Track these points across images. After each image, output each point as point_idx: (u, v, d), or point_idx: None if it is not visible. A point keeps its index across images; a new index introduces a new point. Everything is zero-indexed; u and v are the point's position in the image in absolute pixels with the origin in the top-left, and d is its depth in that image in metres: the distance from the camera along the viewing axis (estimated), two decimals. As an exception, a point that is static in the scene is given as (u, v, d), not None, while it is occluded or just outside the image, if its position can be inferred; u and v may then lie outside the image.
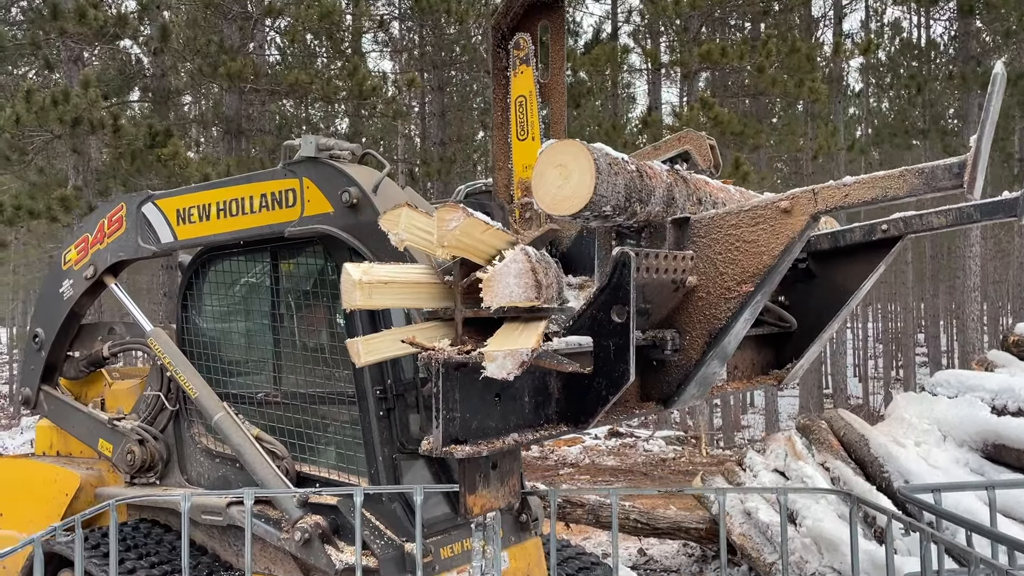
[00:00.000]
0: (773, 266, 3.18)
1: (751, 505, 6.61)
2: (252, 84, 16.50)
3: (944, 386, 7.04)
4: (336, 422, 4.59)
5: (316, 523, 4.30)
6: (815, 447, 6.89)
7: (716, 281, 3.28)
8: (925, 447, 6.15)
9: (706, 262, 3.29)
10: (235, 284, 5.10)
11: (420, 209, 2.52)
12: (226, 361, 5.03)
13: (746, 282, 3.23)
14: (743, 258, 3.22)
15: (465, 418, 2.46)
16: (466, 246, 2.38)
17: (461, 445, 2.41)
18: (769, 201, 3.20)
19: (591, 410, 2.87)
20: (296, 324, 4.83)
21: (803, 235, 3.15)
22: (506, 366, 2.20)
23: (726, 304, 3.26)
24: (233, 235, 4.74)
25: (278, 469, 4.56)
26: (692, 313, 3.32)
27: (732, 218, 3.26)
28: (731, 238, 3.25)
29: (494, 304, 2.28)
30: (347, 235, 4.24)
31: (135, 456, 5.17)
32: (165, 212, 5.04)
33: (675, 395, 3.29)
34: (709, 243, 3.33)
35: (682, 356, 3.33)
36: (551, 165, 2.89)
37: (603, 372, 2.74)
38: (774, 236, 3.15)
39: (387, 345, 2.56)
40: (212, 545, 4.98)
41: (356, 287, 2.39)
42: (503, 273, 2.27)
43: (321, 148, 4.34)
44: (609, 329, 2.78)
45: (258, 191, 4.60)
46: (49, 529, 3.68)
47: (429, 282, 2.56)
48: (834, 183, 3.11)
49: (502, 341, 2.31)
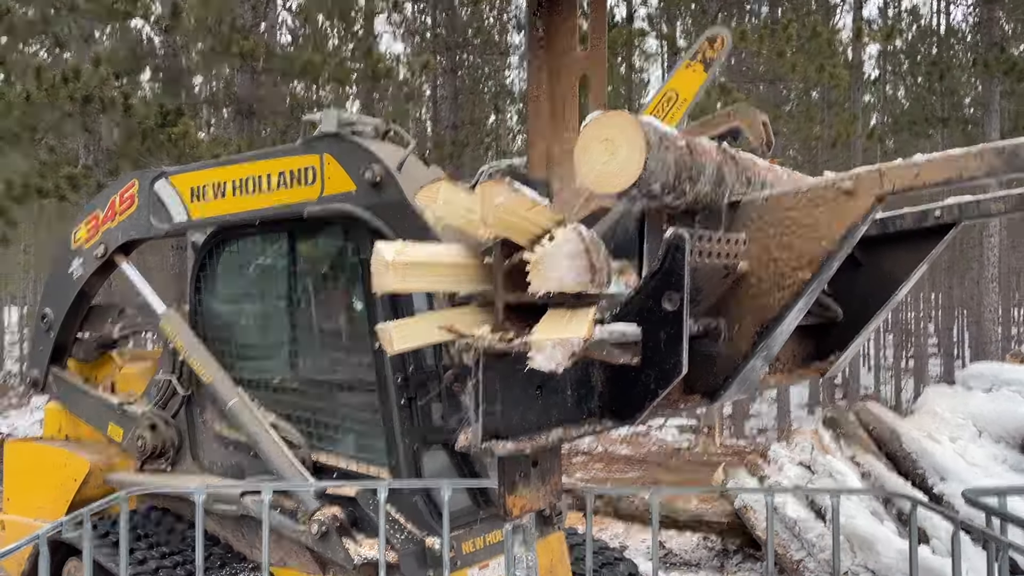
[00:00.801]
0: (833, 252, 2.96)
1: (778, 500, 6.41)
2: (264, 64, 16.26)
3: (978, 379, 6.83)
4: (355, 410, 4.41)
5: (334, 515, 4.13)
6: (843, 441, 6.68)
7: (769, 267, 3.06)
8: (961, 443, 5.95)
9: (759, 246, 3.08)
10: (251, 265, 4.91)
11: (459, 184, 2.33)
12: (241, 345, 4.85)
13: (802, 269, 3.01)
14: (800, 243, 3.00)
15: (506, 412, 2.26)
16: (511, 225, 2.17)
17: (502, 441, 2.22)
18: (829, 181, 2.98)
19: (638, 404, 2.67)
20: (314, 308, 4.64)
21: (867, 219, 2.93)
22: (555, 356, 2.01)
23: (779, 292, 3.05)
24: (249, 214, 4.54)
25: (294, 458, 4.38)
26: (742, 301, 3.11)
27: (788, 199, 3.04)
28: (787, 221, 3.03)
29: (543, 289, 2.08)
30: (369, 215, 4.04)
31: (146, 442, 5.00)
32: (179, 189, 4.85)
33: (721, 388, 3.08)
34: (762, 226, 3.12)
35: (730, 347, 3.13)
36: (596, 139, 2.67)
37: (652, 364, 2.53)
38: (834, 219, 2.93)
39: (423, 331, 2.36)
40: (224, 535, 4.82)
41: (389, 269, 2.19)
42: (554, 255, 2.07)
43: (343, 123, 4.13)
44: (660, 317, 2.58)
45: (276, 168, 4.40)
46: (55, 524, 3.50)
47: (468, 264, 2.37)
48: (903, 162, 2.88)
49: (550, 329, 2.11)
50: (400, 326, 2.40)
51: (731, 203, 3.05)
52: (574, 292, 2.14)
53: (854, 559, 5.40)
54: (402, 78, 20.67)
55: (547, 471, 2.64)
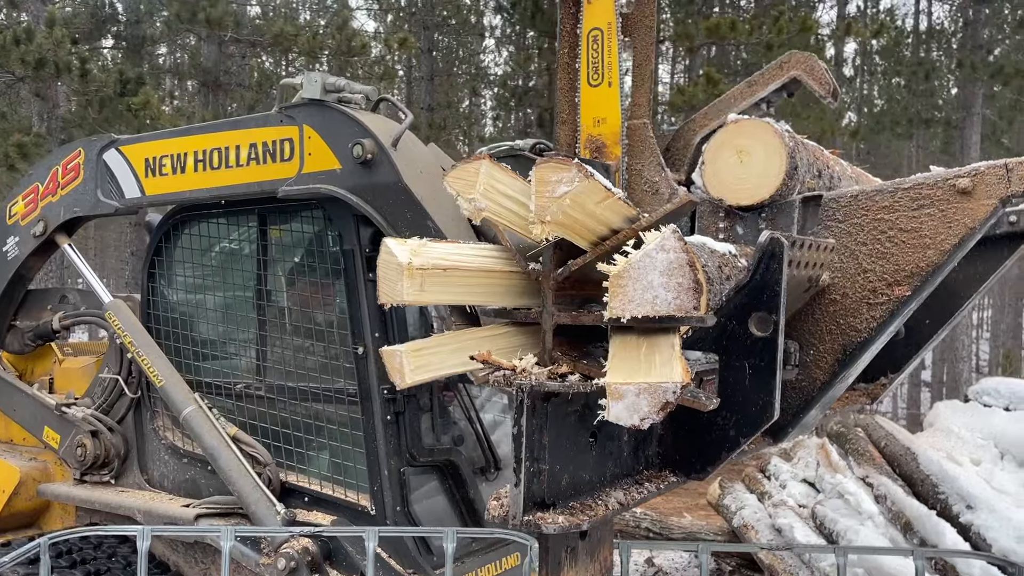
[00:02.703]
0: (940, 265, 2.43)
1: (784, 522, 5.93)
2: (233, 34, 15.44)
3: (993, 395, 6.40)
4: (332, 425, 3.80)
5: (305, 548, 3.53)
6: (852, 458, 6.21)
7: (857, 280, 2.52)
8: (986, 466, 5.50)
9: (845, 255, 2.53)
10: (214, 252, 4.27)
11: (503, 166, 1.75)
12: (200, 344, 4.21)
13: (901, 284, 2.47)
14: (898, 252, 2.46)
15: (554, 471, 1.68)
16: (575, 223, 1.59)
17: (551, 512, 1.64)
18: (939, 178, 2.44)
19: (713, 455, 2.11)
20: (287, 303, 4.02)
21: (985, 225, 2.41)
22: (641, 408, 1.42)
23: (869, 312, 2.50)
24: (213, 192, 3.91)
25: (259, 478, 3.77)
26: (820, 321, 2.56)
27: (885, 198, 2.49)
28: (882, 225, 2.48)
29: (628, 313, 1.48)
30: (357, 198, 3.43)
31: (87, 450, 4.35)
32: (131, 161, 4.20)
33: (791, 425, 2.55)
34: (850, 230, 2.56)
35: (804, 376, 2.59)
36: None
37: (734, 405, 1.98)
38: (945, 224, 2.39)
39: (442, 359, 1.77)
40: (175, 560, 4.20)
41: (404, 274, 1.61)
42: (645, 268, 1.48)
43: (328, 89, 3.51)
44: (746, 345, 2.03)
45: (246, 140, 3.77)
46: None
47: (505, 270, 1.79)
48: (1036, 157, 2.37)
49: (628, 369, 1.53)
50: (415, 352, 1.81)
51: (806, 198, 2.51)
52: (666, 316, 1.58)
53: (873, 592, 4.93)
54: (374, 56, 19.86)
55: (597, 543, 2.08)
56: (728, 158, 2.32)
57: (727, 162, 2.32)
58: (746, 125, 2.32)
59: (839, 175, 3.00)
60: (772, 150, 2.25)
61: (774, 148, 2.25)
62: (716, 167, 2.35)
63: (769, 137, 2.27)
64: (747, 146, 2.29)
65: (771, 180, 2.26)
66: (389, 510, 3.64)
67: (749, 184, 2.29)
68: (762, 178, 2.27)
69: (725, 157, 2.33)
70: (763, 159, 2.25)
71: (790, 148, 2.22)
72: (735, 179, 2.31)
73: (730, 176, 2.32)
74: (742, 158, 2.29)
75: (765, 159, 2.25)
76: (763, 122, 2.31)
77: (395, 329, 3.69)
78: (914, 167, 28.99)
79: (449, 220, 3.37)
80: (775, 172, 2.25)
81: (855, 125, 21.09)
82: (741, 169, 2.30)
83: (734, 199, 2.34)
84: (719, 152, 2.35)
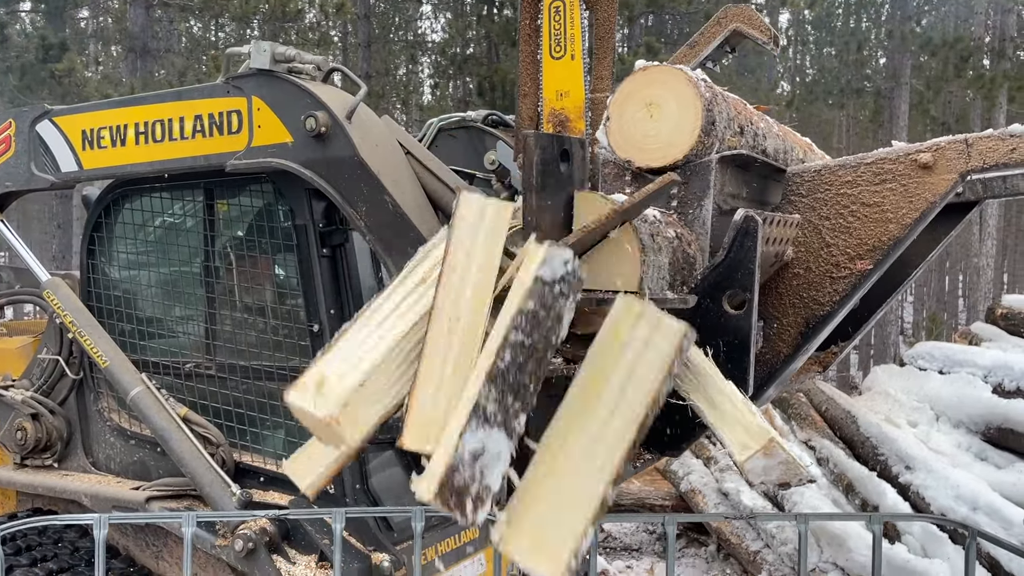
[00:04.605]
0: (900, 238, 2.48)
1: (730, 486, 6.08)
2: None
3: (927, 359, 6.63)
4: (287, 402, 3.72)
5: (263, 528, 3.48)
6: (795, 423, 6.38)
7: (820, 255, 2.55)
8: (922, 428, 5.71)
9: (809, 229, 2.57)
10: (158, 227, 4.12)
11: None
12: (146, 322, 4.08)
13: (863, 257, 2.51)
14: (860, 226, 2.50)
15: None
16: None
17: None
18: (900, 153, 2.48)
19: (687, 432, 2.15)
20: (236, 279, 3.91)
21: (945, 199, 2.47)
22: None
23: (832, 285, 2.55)
24: (156, 166, 3.77)
25: (212, 459, 3.69)
26: (784, 295, 2.60)
27: (848, 173, 2.53)
28: (845, 199, 2.52)
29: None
30: (311, 173, 3.34)
31: (27, 434, 4.20)
32: (67, 133, 4.01)
33: (756, 397, 2.59)
34: (813, 204, 2.59)
35: (768, 349, 2.63)
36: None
37: (708, 381, 2.02)
38: (906, 199, 2.43)
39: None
40: (125, 544, 4.11)
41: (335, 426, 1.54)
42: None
43: (278, 59, 3.39)
44: (720, 322, 2.05)
45: (191, 111, 3.63)
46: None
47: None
48: (995, 132, 2.40)
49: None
50: None
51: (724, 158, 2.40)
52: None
53: (821, 555, 5.10)
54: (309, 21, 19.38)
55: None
56: (635, 112, 1.98)
57: (634, 117, 1.98)
58: (655, 72, 1.98)
59: (764, 132, 2.82)
60: (686, 102, 1.92)
61: (688, 100, 1.92)
62: (622, 123, 2.00)
63: (682, 86, 1.93)
64: (657, 97, 1.94)
65: (684, 137, 1.94)
66: (348, 488, 3.61)
67: (659, 142, 1.97)
68: (674, 135, 1.94)
69: (632, 111, 1.98)
70: (675, 113, 1.93)
71: (706, 100, 1.92)
72: (643, 136, 1.98)
73: (638, 133, 1.99)
74: (651, 111, 1.97)
75: (678, 112, 1.93)
76: (675, 68, 1.99)
77: (351, 305, 3.63)
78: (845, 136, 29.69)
79: (406, 194, 3.31)
80: (689, 128, 1.94)
81: (789, 95, 21.45)
82: (650, 124, 1.97)
83: (643, 160, 2.01)
84: (625, 105, 1.99)
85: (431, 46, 25.35)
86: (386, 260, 3.22)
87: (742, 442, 1.60)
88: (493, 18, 19.15)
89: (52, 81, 13.18)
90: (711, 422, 1.67)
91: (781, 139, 2.91)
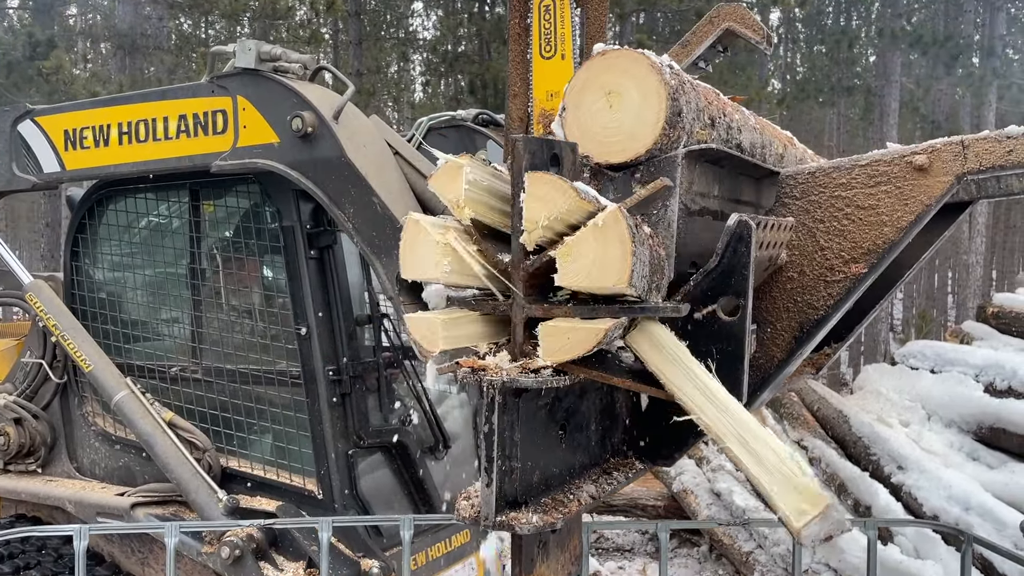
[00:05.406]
0: (896, 242, 2.45)
1: (723, 486, 6.05)
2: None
3: (919, 358, 6.61)
4: (275, 408, 3.68)
5: (249, 535, 3.42)
6: (787, 422, 6.36)
7: (814, 258, 2.51)
8: (914, 428, 5.69)
9: (803, 232, 2.53)
10: (142, 228, 4.06)
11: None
12: (131, 325, 4.02)
13: (857, 260, 2.47)
14: (855, 229, 2.46)
15: (526, 467, 1.63)
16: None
17: (524, 511, 1.59)
18: (895, 155, 2.44)
19: (679, 442, 2.10)
20: (223, 282, 3.86)
21: (941, 202, 2.43)
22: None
23: (827, 289, 2.51)
24: (140, 167, 3.71)
25: (198, 464, 3.64)
26: (778, 299, 2.56)
27: (842, 175, 2.49)
28: (839, 202, 2.48)
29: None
30: (297, 174, 3.28)
31: (10, 439, 4.14)
32: (49, 133, 3.95)
33: (749, 403, 2.55)
34: (807, 207, 2.55)
35: (762, 354, 2.59)
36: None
37: (701, 388, 1.98)
38: (901, 202, 2.40)
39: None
40: (111, 550, 4.04)
41: None
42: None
43: (263, 58, 3.34)
44: (712, 330, 2.01)
45: (176, 111, 3.57)
46: None
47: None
48: (992, 134, 2.37)
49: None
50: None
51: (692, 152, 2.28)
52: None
53: (813, 556, 5.08)
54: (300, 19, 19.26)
55: (567, 534, 2.04)
56: (594, 102, 1.77)
57: (593, 107, 1.78)
58: (615, 58, 1.76)
59: (739, 125, 2.64)
60: (648, 90, 1.71)
61: (651, 88, 1.71)
62: (579, 114, 1.79)
63: (644, 73, 1.71)
64: (617, 85, 1.73)
65: (647, 130, 1.73)
66: (337, 494, 3.56)
67: (620, 135, 1.77)
68: (636, 127, 1.74)
69: (590, 101, 1.78)
70: (637, 102, 1.72)
71: (672, 88, 1.70)
72: (603, 128, 1.78)
73: (596, 125, 1.78)
74: (611, 101, 1.76)
75: (640, 102, 1.72)
76: (636, 52, 1.79)
77: (339, 307, 3.58)
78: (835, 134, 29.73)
79: (394, 195, 3.26)
80: (652, 119, 1.73)
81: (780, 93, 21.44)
82: (610, 115, 1.76)
83: (602, 155, 1.80)
84: (583, 94, 1.79)
85: (422, 44, 25.25)
86: (374, 262, 3.17)
87: (799, 508, 1.54)
88: (484, 16, 19.10)
89: (40, 79, 13.06)
90: (753, 475, 1.61)
91: (759, 132, 2.77)
